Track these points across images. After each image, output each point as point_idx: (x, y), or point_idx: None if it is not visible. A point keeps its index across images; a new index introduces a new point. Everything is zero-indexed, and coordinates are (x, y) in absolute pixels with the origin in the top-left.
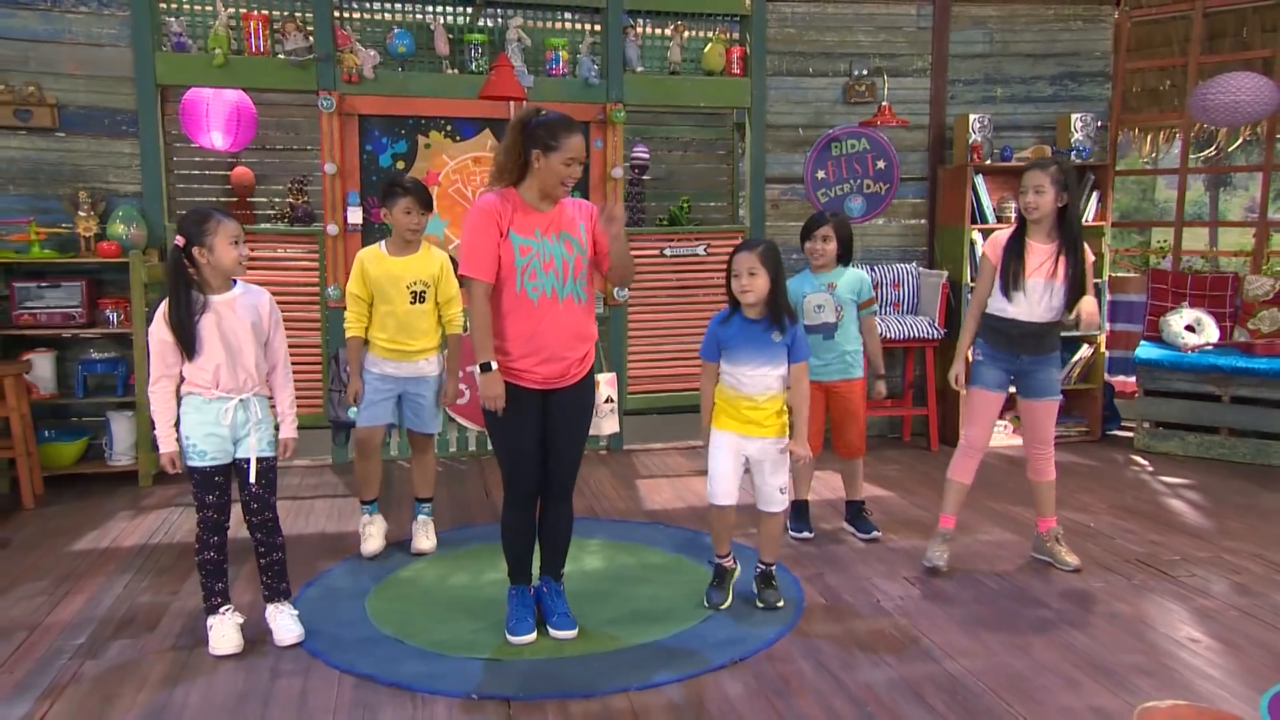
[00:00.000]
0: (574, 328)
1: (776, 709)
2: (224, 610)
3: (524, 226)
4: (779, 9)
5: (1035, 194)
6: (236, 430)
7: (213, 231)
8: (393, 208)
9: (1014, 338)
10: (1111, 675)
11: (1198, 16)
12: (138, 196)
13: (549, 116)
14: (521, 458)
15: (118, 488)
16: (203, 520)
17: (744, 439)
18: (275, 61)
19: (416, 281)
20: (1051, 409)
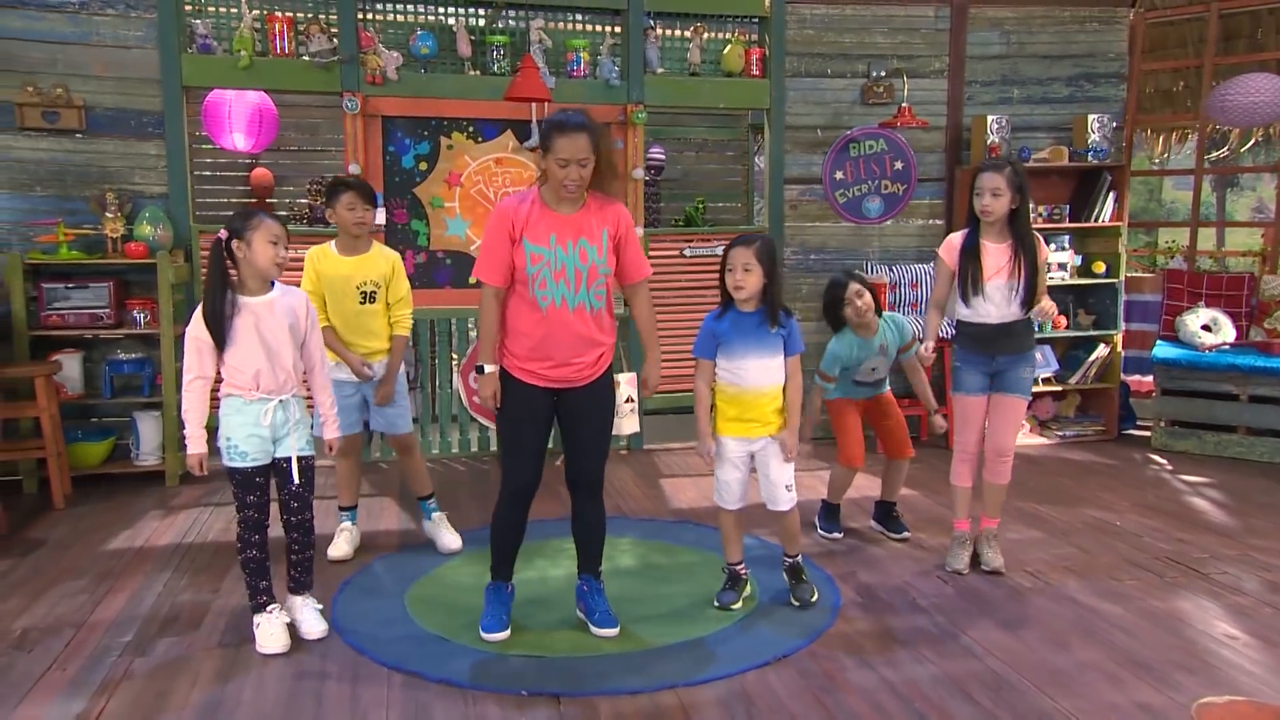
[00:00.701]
0: (585, 335)
1: (825, 705)
2: (271, 609)
3: (539, 233)
4: (798, 11)
5: (992, 196)
6: (276, 430)
7: (254, 228)
8: (336, 204)
9: (988, 340)
10: (1153, 672)
11: (1213, 18)
12: (163, 198)
13: (556, 117)
14: (520, 453)
15: (145, 488)
16: (244, 520)
17: (748, 441)
18: (299, 63)
19: (367, 282)
20: (1019, 407)
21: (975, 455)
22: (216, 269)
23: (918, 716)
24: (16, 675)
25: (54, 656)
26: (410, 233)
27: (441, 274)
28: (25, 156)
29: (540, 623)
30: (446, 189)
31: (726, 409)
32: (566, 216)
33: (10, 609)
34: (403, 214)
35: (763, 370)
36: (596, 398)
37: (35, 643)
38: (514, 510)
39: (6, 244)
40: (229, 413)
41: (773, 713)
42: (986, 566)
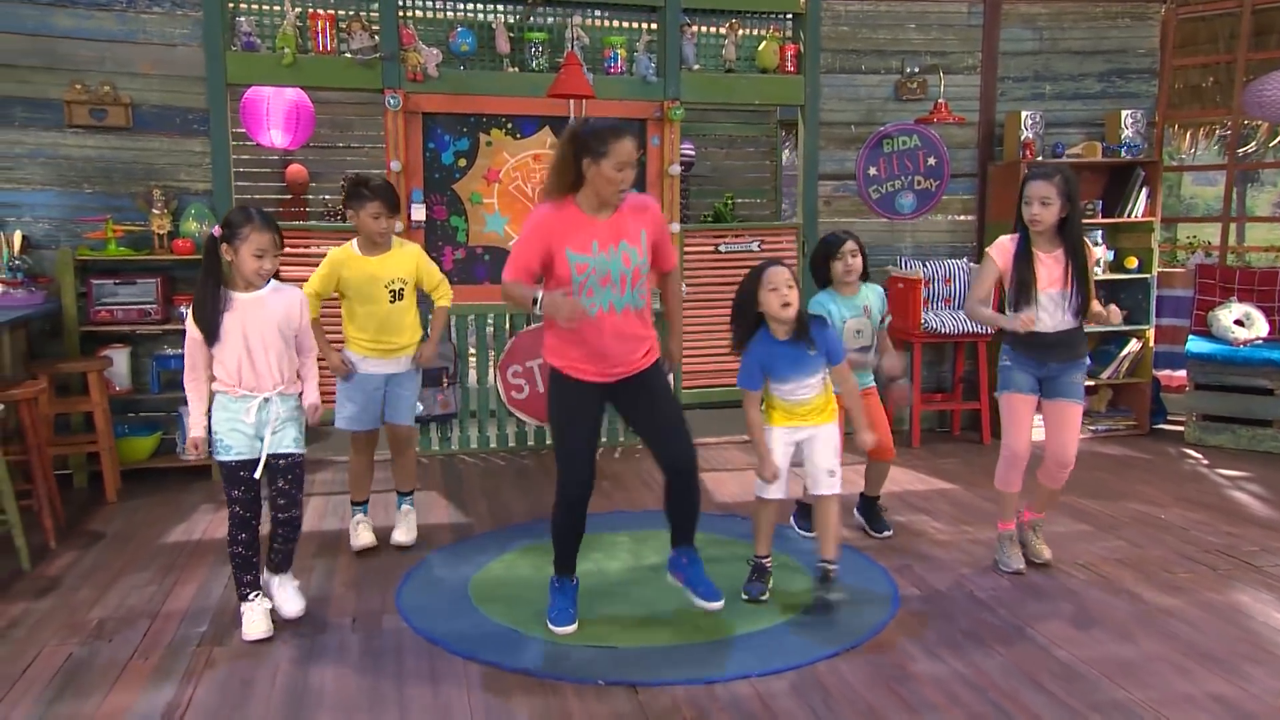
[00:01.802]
0: (633, 333)
1: (899, 695)
2: (253, 597)
3: (581, 242)
4: (832, 7)
5: (1041, 205)
6: (260, 428)
7: (243, 237)
8: (360, 211)
9: (1042, 348)
10: (1221, 663)
11: (1246, 13)
12: (208, 194)
13: (598, 124)
14: (574, 454)
15: (191, 482)
16: (232, 516)
17: (795, 430)
18: (341, 60)
19: (394, 280)
20: (1078, 413)
21: (1024, 460)
22: (207, 265)
23: (993, 706)
24: (102, 664)
25: (134, 646)
26: (450, 229)
27: (480, 270)
28: (73, 154)
29: (604, 614)
30: (485, 185)
31: (773, 409)
32: (605, 221)
33: (83, 599)
34: (442, 210)
35: (809, 389)
36: (651, 381)
37: (114, 633)
38: (571, 513)
39: (55, 240)
40: (216, 408)
41: (849, 703)
42: (1036, 559)
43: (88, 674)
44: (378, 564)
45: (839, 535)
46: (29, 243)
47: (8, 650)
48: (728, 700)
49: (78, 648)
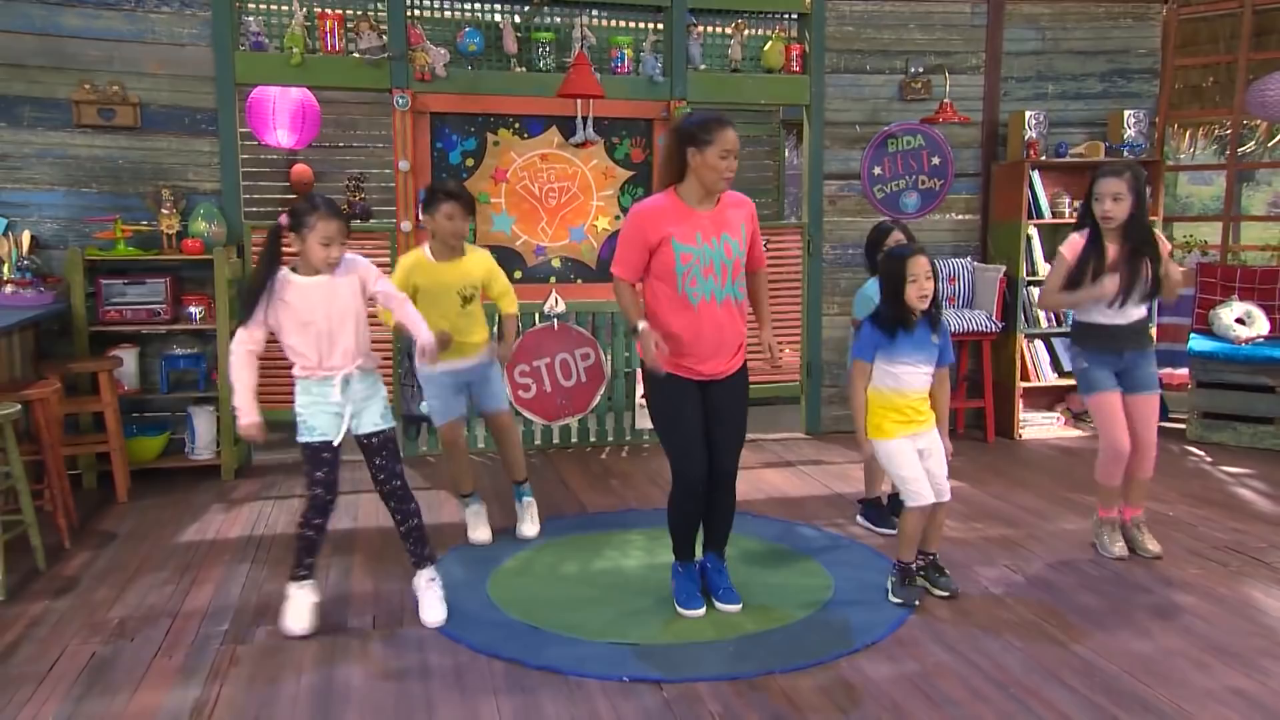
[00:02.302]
0: (730, 326)
1: (923, 691)
2: (304, 584)
3: (685, 233)
4: (837, 7)
5: (1114, 201)
6: (348, 405)
7: (310, 227)
8: (435, 213)
9: (1118, 338)
10: (1238, 658)
11: (1247, 13)
12: (216, 194)
13: (701, 115)
14: (686, 445)
15: (201, 482)
16: (312, 499)
17: (914, 437)
18: (350, 60)
19: (466, 286)
20: (1155, 404)
21: (1127, 453)
22: (269, 250)
23: (1017, 702)
24: (126, 663)
25: (157, 645)
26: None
27: None
28: (81, 153)
29: (625, 611)
30: (493, 185)
31: (888, 413)
32: (707, 213)
33: (102, 599)
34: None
35: (923, 376)
36: (737, 390)
37: (136, 631)
38: (691, 501)
39: (63, 240)
40: (299, 392)
41: (874, 699)
42: (1145, 553)
43: (113, 672)
44: (393, 563)
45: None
46: (37, 242)
47: (32, 649)
48: (753, 697)
49: (101, 646)
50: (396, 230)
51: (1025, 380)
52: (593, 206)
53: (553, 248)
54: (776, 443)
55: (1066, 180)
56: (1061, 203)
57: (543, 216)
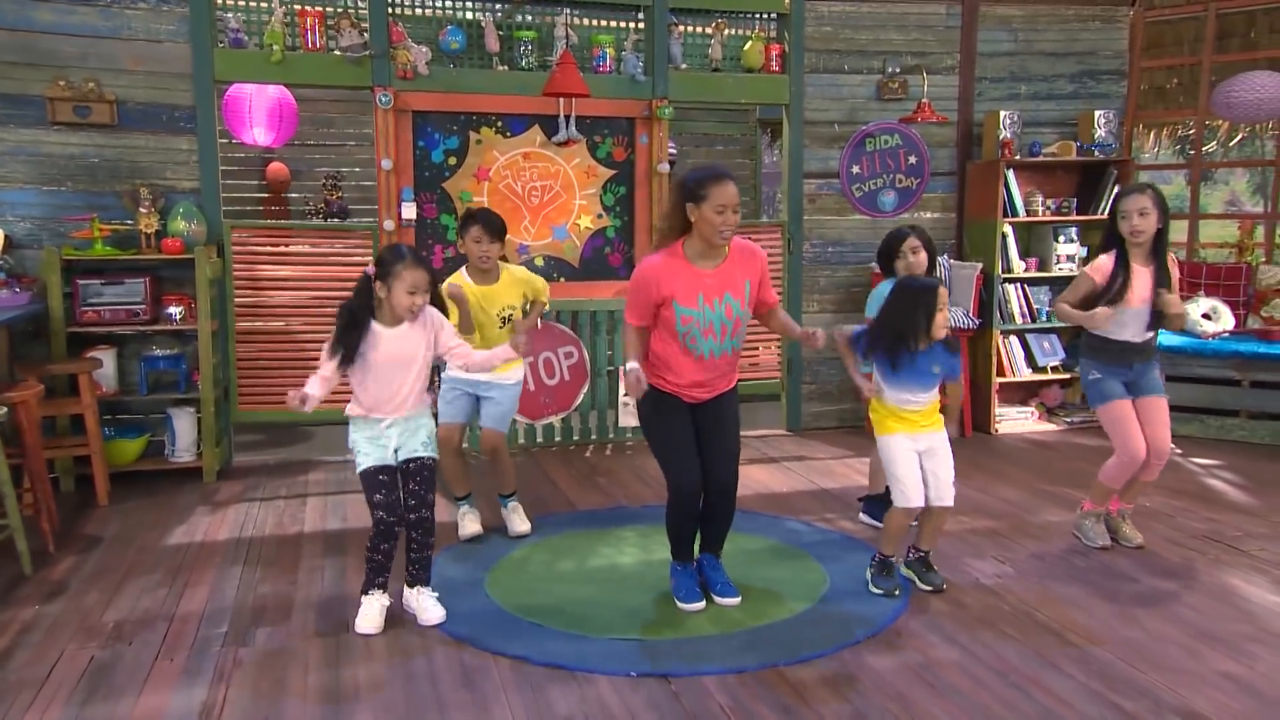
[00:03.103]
0: (729, 366)
1: (925, 680)
2: (373, 593)
3: (687, 294)
4: (816, 8)
5: (1140, 217)
6: (394, 441)
7: (396, 274)
8: (465, 236)
9: (1124, 354)
10: (1225, 643)
11: (1211, 17)
12: (195, 193)
13: (700, 171)
14: (680, 458)
15: (182, 484)
16: (377, 523)
17: (914, 438)
18: (331, 58)
19: (505, 308)
20: (1165, 407)
21: (1141, 460)
22: (358, 300)
23: (1018, 690)
24: (127, 666)
25: (156, 648)
26: (439, 227)
27: None
28: (56, 151)
29: (626, 608)
30: (476, 183)
31: (892, 415)
32: (712, 272)
33: (94, 603)
34: (432, 209)
35: (920, 402)
36: (727, 403)
37: (133, 635)
38: (687, 509)
39: (37, 239)
40: (353, 428)
41: (878, 689)
42: (1129, 544)
43: (114, 676)
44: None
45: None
46: (11, 242)
47: (28, 654)
48: (760, 689)
49: (99, 651)
50: (379, 229)
51: (1001, 376)
52: (575, 205)
53: (535, 246)
54: (759, 439)
55: (1040, 179)
56: (1035, 201)
57: (525, 215)
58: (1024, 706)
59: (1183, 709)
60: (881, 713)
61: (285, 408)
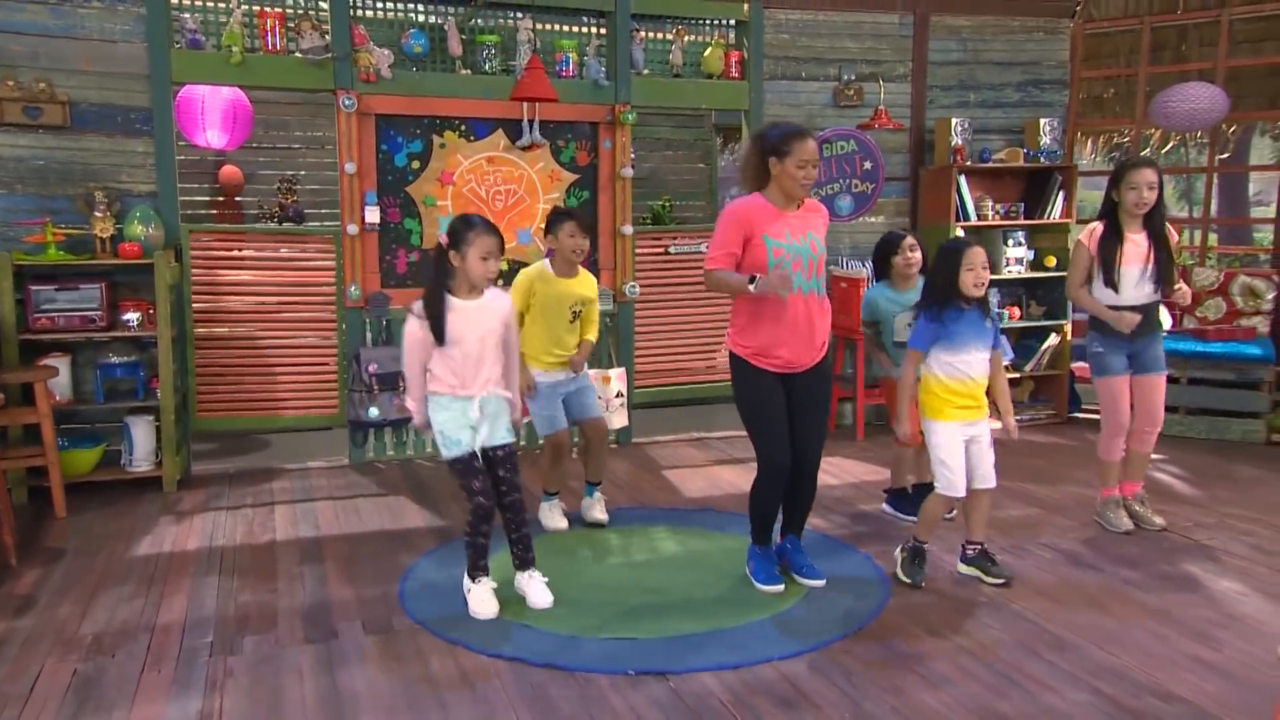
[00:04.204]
0: (815, 319)
1: (916, 671)
2: (481, 580)
3: (776, 230)
4: (774, 15)
5: (1149, 190)
6: (480, 423)
7: (469, 242)
8: (559, 231)
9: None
10: (1191, 629)
11: (1146, 30)
12: (152, 196)
13: (782, 127)
14: (772, 435)
15: (141, 494)
16: (475, 508)
17: (966, 425)
18: (292, 60)
19: (577, 302)
20: (1162, 384)
21: (1126, 428)
22: (436, 273)
23: (1003, 677)
24: (114, 679)
25: (141, 660)
26: (403, 231)
27: None
28: (4, 154)
29: (616, 609)
30: (439, 187)
31: (950, 399)
32: (793, 214)
33: (68, 616)
34: (396, 213)
35: (982, 362)
36: (821, 381)
37: (115, 647)
38: (775, 488)
39: None
40: (437, 409)
41: (871, 681)
42: (1150, 526)
43: (101, 689)
44: (367, 568)
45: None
46: None
47: (6, 669)
48: (757, 684)
49: (81, 664)
50: (342, 234)
51: None
52: (539, 209)
53: None
54: (722, 440)
55: (988, 184)
56: (985, 206)
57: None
58: (1013, 694)
59: (1160, 691)
60: (878, 704)
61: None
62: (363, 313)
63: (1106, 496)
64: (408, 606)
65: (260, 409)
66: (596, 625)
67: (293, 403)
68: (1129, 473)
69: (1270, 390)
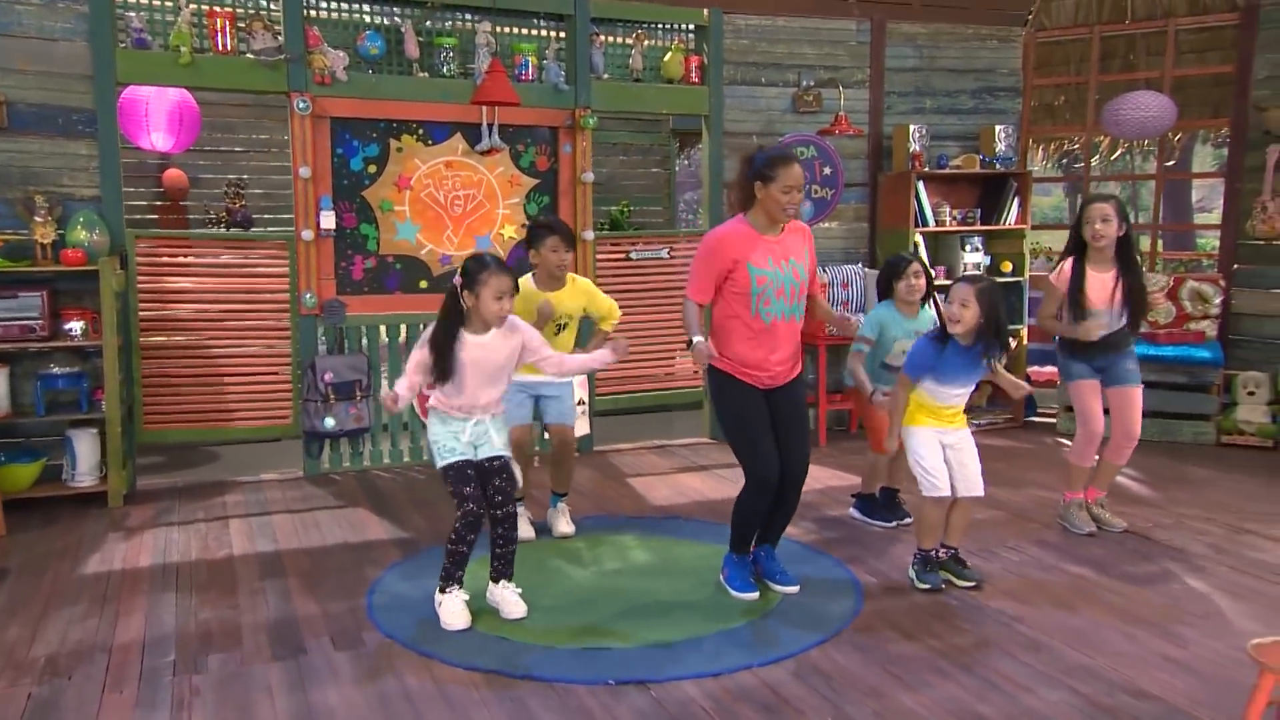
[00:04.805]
0: (794, 341)
1: (893, 673)
2: (452, 590)
3: (759, 258)
4: (733, 20)
5: (1103, 223)
6: (476, 439)
7: (483, 283)
8: (541, 246)
9: (1091, 349)
10: (1158, 627)
11: (1095, 39)
12: (96, 201)
13: (769, 152)
14: (758, 447)
15: (86, 510)
16: (464, 515)
17: (941, 430)
18: (244, 61)
19: (563, 315)
20: (1138, 395)
21: (1101, 435)
22: (449, 311)
23: (980, 679)
24: (73, 701)
25: (100, 681)
26: (359, 237)
27: (391, 279)
28: None
29: (591, 619)
30: (396, 192)
31: (924, 409)
32: (775, 239)
33: (16, 637)
34: (351, 218)
35: (964, 396)
36: (798, 393)
37: (70, 669)
38: (764, 500)
39: None
40: (435, 422)
41: (851, 685)
42: (1113, 529)
43: (60, 713)
44: (330, 582)
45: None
46: None
47: None
48: (738, 691)
49: (36, 687)
50: (296, 240)
51: None
52: (499, 215)
53: (459, 257)
54: (684, 448)
55: (945, 190)
56: (943, 211)
57: (448, 225)
58: (992, 695)
59: (1132, 689)
60: (860, 708)
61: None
62: (318, 320)
63: (1070, 499)
64: (377, 620)
65: (210, 420)
66: (572, 635)
67: (244, 414)
68: (1097, 480)
69: (1219, 393)
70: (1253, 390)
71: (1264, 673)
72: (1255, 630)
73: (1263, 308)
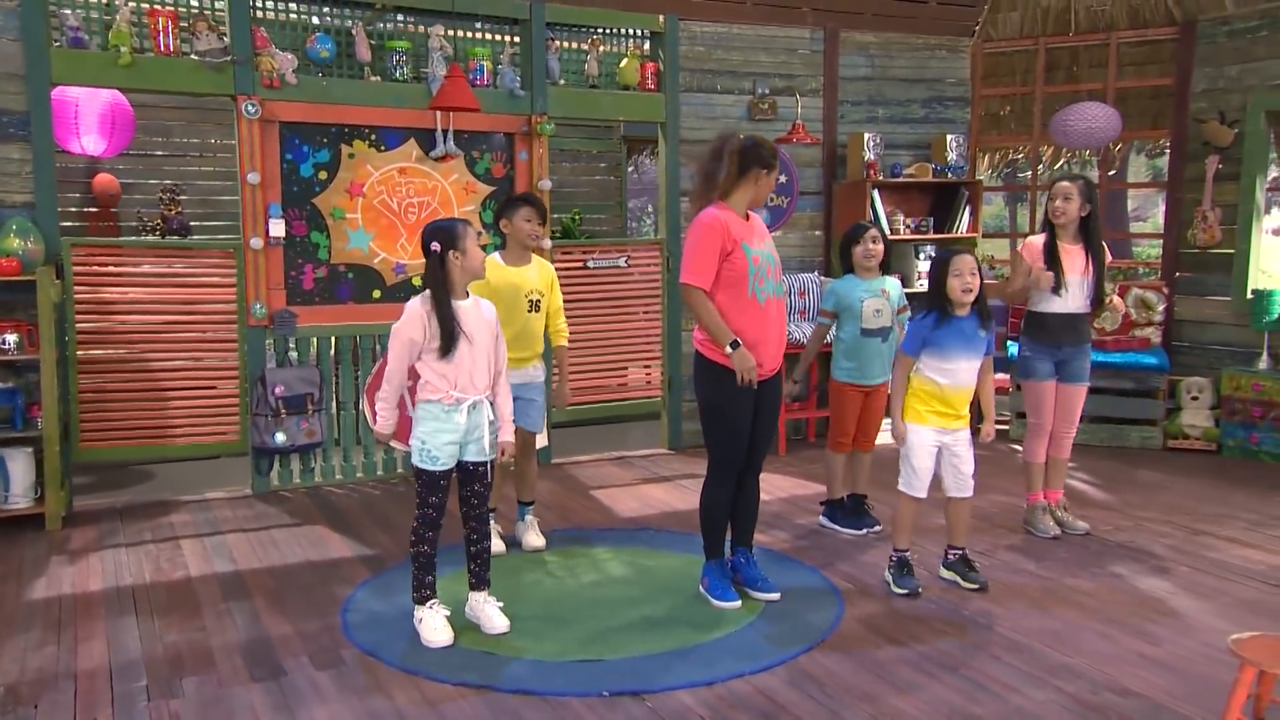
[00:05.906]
0: (783, 322)
1: (884, 678)
2: (432, 604)
3: (751, 239)
4: (689, 27)
5: (1064, 200)
6: (468, 434)
7: (464, 234)
8: (514, 216)
9: (1056, 330)
10: (1129, 626)
11: (1040, 51)
12: (29, 207)
13: (762, 142)
14: (735, 436)
15: (21, 533)
16: (423, 516)
17: (942, 431)
18: (188, 63)
19: (533, 291)
20: (1084, 393)
21: (1048, 432)
22: (438, 281)
23: (968, 680)
24: None
25: (70, 709)
26: (310, 245)
27: (344, 289)
28: None
29: (580, 631)
30: (348, 199)
31: (930, 401)
32: (752, 224)
33: None
34: (302, 226)
35: (970, 371)
36: (777, 387)
37: (35, 698)
38: (725, 493)
39: None
40: (426, 419)
41: (844, 690)
42: (1075, 531)
43: None
44: (298, 600)
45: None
46: None
47: None
48: (733, 699)
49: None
50: (244, 248)
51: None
52: None
53: (413, 265)
54: (644, 459)
55: (899, 199)
56: (897, 220)
57: (402, 233)
58: (981, 696)
59: (1115, 687)
60: (856, 712)
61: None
62: (267, 332)
63: (1033, 503)
64: (355, 638)
65: (151, 437)
66: (560, 649)
67: (187, 430)
68: (1050, 480)
69: (1165, 398)
70: (1196, 395)
71: (1244, 666)
72: (1222, 627)
73: (1203, 314)
